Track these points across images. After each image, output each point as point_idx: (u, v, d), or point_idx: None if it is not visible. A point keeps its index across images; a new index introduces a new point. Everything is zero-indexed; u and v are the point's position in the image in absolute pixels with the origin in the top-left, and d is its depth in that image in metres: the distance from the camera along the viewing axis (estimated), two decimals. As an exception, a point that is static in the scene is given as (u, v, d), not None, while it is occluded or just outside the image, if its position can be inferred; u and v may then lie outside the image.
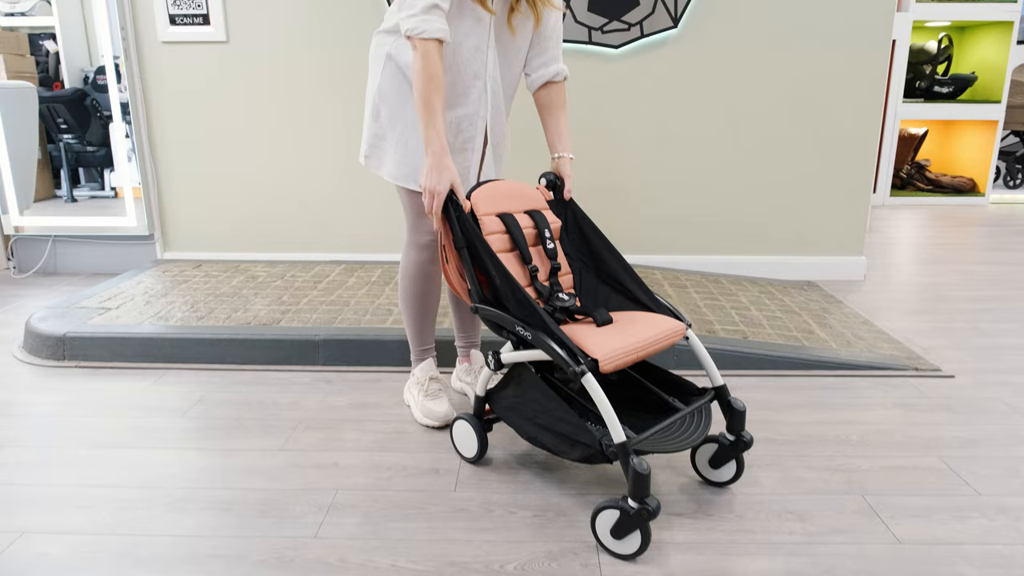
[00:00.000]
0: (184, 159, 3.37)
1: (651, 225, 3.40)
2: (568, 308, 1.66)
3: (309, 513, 1.57)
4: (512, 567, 1.40)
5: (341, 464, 1.78)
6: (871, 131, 3.27)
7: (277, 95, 3.28)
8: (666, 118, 3.27)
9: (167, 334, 2.40)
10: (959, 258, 3.92)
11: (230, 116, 3.31)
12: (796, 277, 3.44)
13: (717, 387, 1.63)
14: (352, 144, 3.32)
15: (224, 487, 1.68)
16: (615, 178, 3.35)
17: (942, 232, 4.62)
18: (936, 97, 5.63)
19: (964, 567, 1.40)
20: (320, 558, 1.42)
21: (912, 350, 2.51)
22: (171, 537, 1.49)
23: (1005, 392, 2.19)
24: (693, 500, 1.63)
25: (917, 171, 5.84)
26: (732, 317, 2.68)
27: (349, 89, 3.26)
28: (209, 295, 2.83)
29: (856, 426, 1.98)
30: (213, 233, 3.46)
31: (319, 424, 1.99)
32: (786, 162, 3.32)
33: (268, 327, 2.46)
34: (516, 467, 1.77)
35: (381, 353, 2.38)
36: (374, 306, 2.69)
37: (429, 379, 2.04)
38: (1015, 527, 1.53)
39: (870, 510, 1.59)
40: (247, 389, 2.22)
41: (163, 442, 1.89)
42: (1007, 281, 3.44)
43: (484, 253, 1.59)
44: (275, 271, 3.19)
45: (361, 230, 3.43)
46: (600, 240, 1.80)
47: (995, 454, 1.83)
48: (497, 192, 1.74)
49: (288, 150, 3.34)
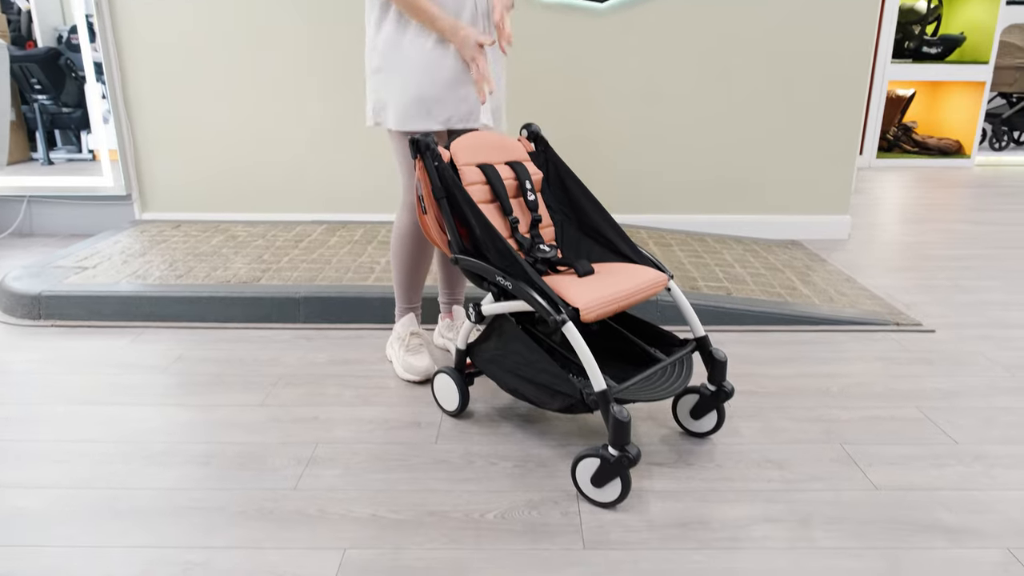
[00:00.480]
0: (161, 118, 3.29)
1: (636, 184, 3.37)
2: (549, 259, 1.65)
3: (289, 466, 1.57)
4: (492, 515, 1.40)
5: (321, 418, 1.77)
6: (859, 91, 3.24)
7: (255, 50, 3.20)
8: (652, 76, 3.22)
9: (145, 292, 2.37)
10: (943, 218, 3.92)
11: (207, 73, 3.23)
12: (781, 236, 3.43)
13: (699, 338, 1.63)
14: (333, 100, 3.25)
15: (203, 441, 1.66)
16: (600, 136, 3.30)
17: (927, 193, 4.62)
18: (924, 58, 5.59)
19: (940, 511, 1.41)
20: (299, 509, 1.42)
21: (894, 306, 2.52)
22: (150, 490, 1.48)
23: (986, 346, 2.21)
24: (674, 450, 1.64)
25: (904, 133, 5.83)
26: (716, 274, 2.68)
27: (330, 42, 3.18)
28: (188, 254, 2.79)
29: (837, 379, 1.99)
30: (192, 193, 3.40)
31: (300, 380, 1.98)
32: (773, 121, 3.29)
33: (248, 285, 2.43)
34: (497, 419, 1.77)
35: (362, 310, 2.35)
36: (356, 264, 2.66)
37: (410, 334, 2.03)
38: (990, 474, 1.54)
39: (848, 458, 1.60)
40: (227, 347, 2.20)
41: (142, 398, 1.87)
42: (989, 240, 3.46)
43: (463, 203, 1.56)
44: (256, 231, 3.14)
45: (343, 189, 3.38)
46: (582, 192, 1.77)
47: (974, 404, 1.85)
48: (478, 143, 1.71)
49: (267, 109, 3.27)
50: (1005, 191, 4.69)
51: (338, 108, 3.26)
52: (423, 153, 1.59)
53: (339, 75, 3.22)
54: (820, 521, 1.39)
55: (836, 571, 1.25)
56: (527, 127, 1.84)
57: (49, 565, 1.26)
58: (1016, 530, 1.36)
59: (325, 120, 3.28)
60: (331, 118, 3.28)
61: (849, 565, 1.26)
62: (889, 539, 1.33)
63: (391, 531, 1.35)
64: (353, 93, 3.23)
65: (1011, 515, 1.40)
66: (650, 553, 1.29)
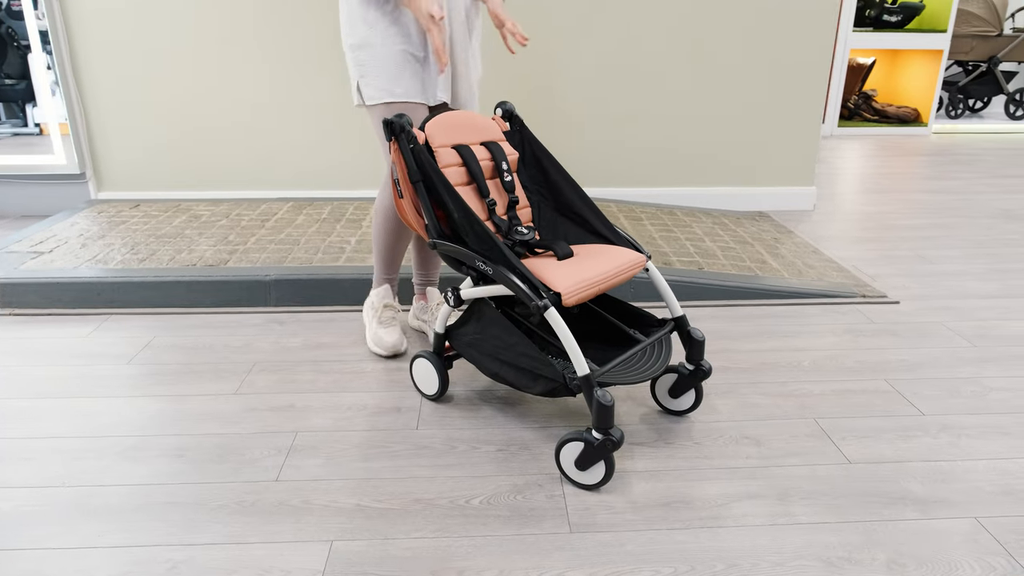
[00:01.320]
0: (114, 91, 3.15)
1: (604, 157, 3.36)
2: (527, 242, 1.63)
3: (268, 456, 1.54)
4: (478, 501, 1.41)
5: (298, 406, 1.75)
6: (822, 60, 3.26)
7: (215, 17, 3.07)
8: (619, 49, 3.19)
9: (107, 278, 2.29)
10: (903, 187, 4.01)
11: (162, 42, 3.09)
12: (749, 208, 3.47)
13: (676, 318, 1.64)
14: (298, 71, 3.15)
15: (177, 433, 1.63)
16: (568, 109, 3.27)
17: (887, 162, 4.71)
18: (885, 26, 5.65)
19: (910, 483, 1.46)
20: (282, 501, 1.40)
21: (860, 278, 2.57)
22: (124, 486, 1.45)
23: (947, 317, 2.27)
24: (653, 429, 1.66)
25: (864, 101, 5.91)
26: (687, 248, 2.70)
27: (295, 11, 3.07)
28: (150, 236, 2.70)
29: (808, 352, 2.03)
30: (150, 171, 3.28)
31: (274, 366, 1.94)
32: (739, 93, 3.29)
33: (215, 268, 2.37)
34: (478, 403, 1.77)
35: (335, 292, 2.32)
36: (325, 244, 2.61)
37: (384, 306, 2.04)
38: (956, 444, 1.60)
39: (822, 433, 1.64)
40: (195, 333, 2.14)
41: (110, 390, 1.81)
42: (948, 210, 3.54)
43: (441, 186, 1.53)
44: (219, 210, 3.05)
45: (309, 165, 3.29)
46: (558, 172, 1.76)
47: (938, 375, 1.90)
48: (452, 123, 1.67)
49: (228, 80, 3.15)
50: (961, 159, 4.80)
51: (302, 81, 3.16)
52: (397, 135, 1.55)
53: (304, 46, 3.11)
54: (798, 497, 1.42)
55: (815, 546, 1.29)
56: (501, 105, 1.81)
57: (24, 570, 1.23)
58: (983, 500, 1.41)
59: (289, 93, 3.18)
60: (295, 91, 3.18)
61: (827, 539, 1.30)
62: (863, 512, 1.38)
63: (377, 521, 1.35)
64: (318, 65, 3.14)
65: (977, 484, 1.46)
66: (635, 535, 1.31)
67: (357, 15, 1.77)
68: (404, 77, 1.78)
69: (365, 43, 1.78)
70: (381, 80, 1.78)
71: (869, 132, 5.70)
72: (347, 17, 1.80)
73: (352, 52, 1.82)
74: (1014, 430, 1.65)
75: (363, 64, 1.80)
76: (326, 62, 3.13)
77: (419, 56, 1.79)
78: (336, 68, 3.14)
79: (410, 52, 1.78)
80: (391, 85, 1.78)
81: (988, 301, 2.39)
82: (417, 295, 2.16)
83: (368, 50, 1.78)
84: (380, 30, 1.75)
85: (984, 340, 2.11)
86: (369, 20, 1.76)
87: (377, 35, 1.76)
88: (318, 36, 3.09)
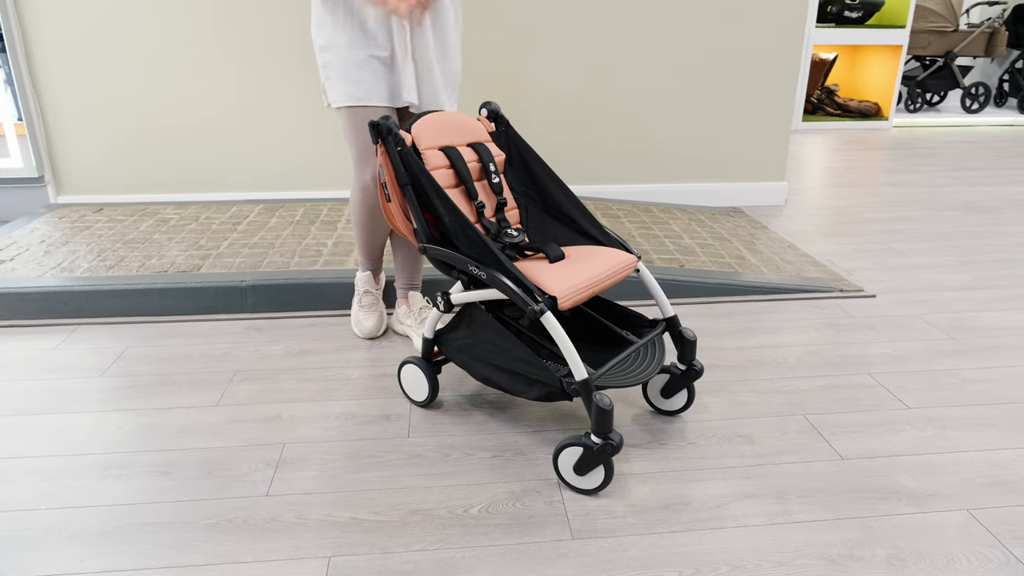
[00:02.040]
0: (73, 90, 3.04)
1: (578, 155, 3.35)
2: (518, 244, 1.61)
3: (257, 470, 1.50)
4: (476, 510, 1.38)
5: (285, 416, 1.70)
6: (793, 56, 3.30)
7: (177, 11, 2.97)
8: (590, 46, 3.18)
9: (74, 286, 2.20)
10: (868, 181, 4.08)
11: (123, 39, 2.99)
12: (722, 203, 3.50)
13: (668, 318, 1.64)
14: (266, 68, 3.07)
15: (159, 449, 1.57)
16: (540, 108, 3.26)
17: (851, 156, 4.80)
18: (846, 22, 5.75)
19: (902, 478, 1.48)
20: (275, 516, 1.36)
21: (836, 272, 2.61)
22: (106, 507, 1.39)
23: (922, 309, 2.32)
24: (647, 430, 1.65)
25: (827, 96, 6.01)
26: (667, 246, 2.71)
27: (261, 5, 2.99)
28: (116, 242, 2.60)
29: (792, 348, 2.05)
30: (113, 173, 3.17)
31: (256, 375, 1.89)
32: (711, 89, 3.31)
33: (188, 274, 2.29)
34: (468, 408, 1.74)
35: (314, 297, 2.26)
36: (301, 247, 2.55)
37: (364, 292, 2.10)
38: (943, 436, 1.63)
39: (812, 429, 1.66)
40: (170, 342, 2.07)
41: (84, 405, 1.74)
42: (913, 203, 3.62)
43: (430, 189, 1.50)
44: (187, 213, 2.97)
45: (279, 165, 3.22)
46: (546, 173, 1.74)
47: (919, 368, 1.94)
48: (438, 124, 1.64)
49: (193, 78, 3.06)
50: (921, 152, 4.92)
51: (271, 79, 3.08)
52: (384, 138, 1.51)
53: (272, 43, 3.04)
54: (795, 495, 1.43)
55: (816, 544, 1.29)
56: (486, 106, 1.78)
57: (5, 599, 1.17)
58: (973, 492, 1.44)
59: (257, 91, 3.10)
60: (263, 89, 3.10)
61: (827, 537, 1.31)
62: (860, 508, 1.39)
63: (375, 534, 1.32)
64: (287, 62, 3.06)
65: (967, 477, 1.48)
66: (638, 539, 1.31)
67: (324, 17, 1.78)
68: (366, 80, 1.79)
69: (330, 44, 1.79)
70: (343, 82, 1.80)
71: (832, 126, 5.81)
72: (315, 18, 1.81)
73: (319, 53, 1.83)
74: (997, 421, 1.69)
75: (328, 65, 1.81)
76: (295, 59, 3.06)
77: (383, 57, 1.80)
78: (305, 65, 3.07)
79: (374, 55, 1.79)
80: (352, 88, 1.79)
81: (960, 293, 2.45)
82: (400, 299, 2.12)
83: (332, 52, 1.79)
84: (344, 32, 1.76)
85: (960, 332, 2.15)
86: (333, 22, 1.77)
87: (342, 37, 1.77)
88: (288, 33, 3.02)
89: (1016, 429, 1.66)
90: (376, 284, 2.14)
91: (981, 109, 6.15)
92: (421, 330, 2.03)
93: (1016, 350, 2.04)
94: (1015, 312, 2.29)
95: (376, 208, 1.93)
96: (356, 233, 2.04)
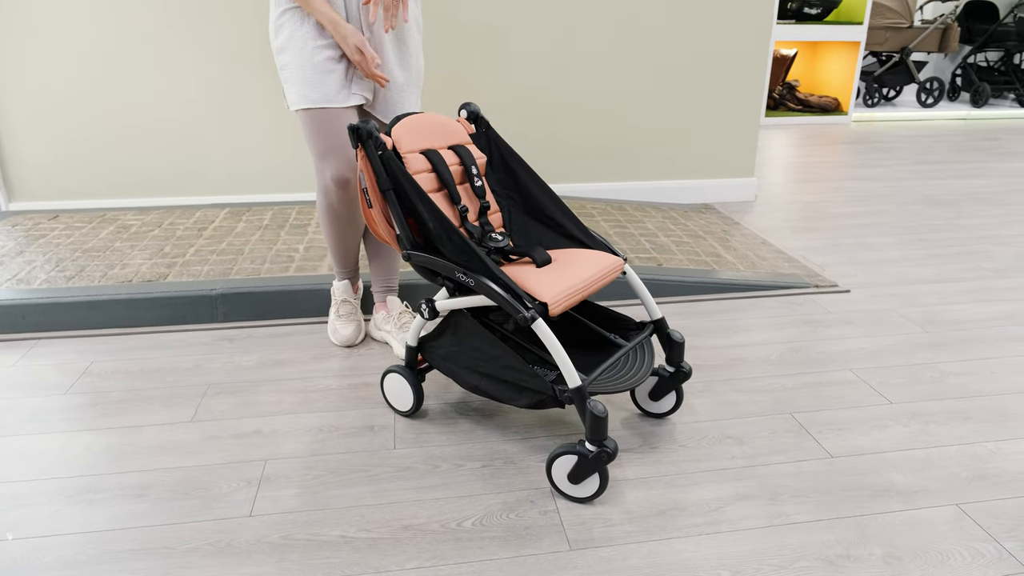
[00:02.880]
0: (22, 89, 2.90)
1: (550, 153, 3.33)
2: (503, 249, 1.58)
3: (238, 489, 1.44)
4: (470, 523, 1.35)
5: (264, 431, 1.64)
6: (761, 53, 3.33)
7: (134, 10, 2.85)
8: (561, 43, 3.16)
9: (32, 299, 2.10)
10: (833, 176, 4.15)
11: (77, 33, 2.86)
12: (693, 200, 3.51)
13: (655, 320, 1.62)
14: (229, 67, 2.97)
15: (133, 470, 1.50)
16: (510, 106, 3.22)
17: (814, 151, 4.87)
18: (805, 18, 5.84)
19: (892, 474, 1.49)
20: (261, 538, 1.31)
21: (810, 268, 2.64)
22: (80, 535, 1.32)
23: (896, 303, 2.35)
24: (636, 434, 1.64)
25: (788, 91, 6.10)
26: (643, 245, 2.70)
27: (221, 2, 2.89)
28: (75, 250, 2.50)
29: (774, 346, 2.06)
30: (68, 177, 3.04)
31: (231, 388, 1.82)
32: (680, 86, 3.32)
33: (154, 284, 2.20)
34: (454, 416, 1.70)
35: (288, 305, 2.20)
36: (272, 253, 2.48)
37: (342, 301, 2.06)
38: (927, 431, 1.65)
39: (800, 428, 1.66)
40: (139, 355, 1.99)
41: (49, 425, 1.66)
42: (877, 197, 3.69)
43: (414, 194, 1.46)
44: (149, 219, 2.86)
45: (244, 167, 3.12)
46: (528, 175, 1.71)
47: (898, 363, 1.96)
48: (419, 126, 1.60)
49: (152, 76, 2.95)
50: (881, 146, 5.02)
51: (233, 74, 2.99)
52: (364, 142, 1.46)
53: (234, 41, 2.94)
54: (788, 495, 1.43)
55: (813, 545, 1.29)
56: (465, 107, 1.74)
57: (-26, 640, 1.10)
58: (960, 486, 1.45)
59: (219, 88, 3.00)
60: (225, 86, 3.00)
61: (823, 538, 1.31)
62: (852, 507, 1.39)
63: (367, 553, 1.27)
64: (248, 57, 2.97)
65: (952, 471, 1.50)
66: (636, 547, 1.29)
67: (280, 19, 1.75)
68: (322, 82, 1.76)
69: (287, 47, 1.76)
70: (299, 85, 1.77)
71: (794, 122, 5.90)
72: (272, 20, 1.78)
73: (277, 55, 1.80)
74: (975, 414, 1.72)
75: (286, 67, 1.79)
76: (257, 55, 2.97)
77: (337, 56, 1.76)
78: (268, 61, 2.99)
79: (331, 57, 1.75)
80: (309, 91, 1.76)
81: (930, 286, 2.49)
82: (377, 305, 2.07)
83: (290, 53, 1.76)
84: (301, 35, 1.74)
85: (934, 325, 2.19)
86: (290, 24, 1.74)
87: (297, 40, 1.74)
88: (250, 27, 2.93)
89: (993, 422, 1.68)
90: (354, 293, 2.09)
91: (936, 103, 6.31)
92: (401, 336, 1.99)
93: (986, 343, 2.08)
94: (983, 304, 2.34)
95: (343, 211, 1.89)
96: (327, 238, 2.00)
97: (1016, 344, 2.06)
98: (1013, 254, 2.81)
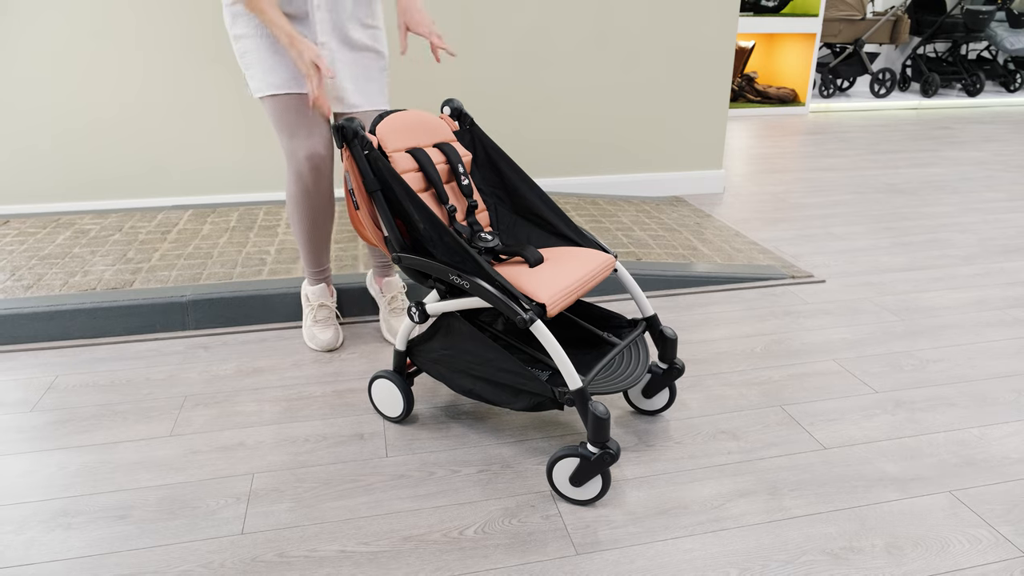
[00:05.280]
0: (-35, 92, 2.74)
1: (519, 148, 3.30)
2: (494, 249, 1.55)
3: (227, 506, 1.38)
4: (472, 531, 1.32)
5: (249, 443, 1.58)
6: (727, 47, 3.35)
7: (86, 4, 2.72)
8: (525, 38, 3.13)
9: (-12, 311, 1.98)
10: (796, 166, 4.21)
11: (24, 25, 2.71)
12: (663, 193, 3.52)
13: (648, 317, 1.61)
14: (185, 56, 2.86)
15: (112, 490, 1.42)
16: (479, 101, 3.18)
17: (776, 142, 4.94)
18: (763, 11, 5.91)
19: (884, 463, 1.51)
20: (255, 557, 1.25)
21: (784, 258, 2.67)
22: (59, 562, 1.24)
23: (871, 293, 2.39)
24: (632, 432, 1.62)
25: (747, 83, 6.18)
26: (620, 239, 2.69)
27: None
28: (31, 258, 2.37)
29: (757, 338, 2.07)
30: (18, 180, 2.89)
31: (209, 399, 1.75)
32: (648, 79, 3.32)
33: (120, 291, 2.11)
34: (445, 421, 1.67)
35: (263, 309, 2.13)
36: (242, 256, 2.39)
37: (319, 305, 2.00)
38: (914, 419, 1.67)
39: (791, 420, 1.67)
40: (107, 367, 1.90)
41: (15, 445, 1.56)
42: (841, 186, 3.76)
43: (403, 194, 1.41)
44: (109, 222, 2.74)
45: (208, 166, 3.01)
46: (515, 172, 1.67)
47: (878, 351, 1.99)
48: (404, 124, 1.55)
49: (106, 68, 2.82)
50: (839, 136, 5.12)
51: (192, 67, 2.88)
52: (349, 141, 1.41)
53: (193, 32, 2.83)
54: (787, 489, 1.43)
55: (816, 539, 1.30)
56: (449, 103, 1.70)
57: None
58: (951, 473, 1.48)
59: (178, 83, 2.88)
60: (184, 80, 2.89)
61: (825, 531, 1.32)
62: (850, 498, 1.41)
63: (368, 567, 1.23)
64: (207, 49, 2.86)
65: (942, 458, 1.53)
66: (643, 548, 1.27)
67: (236, 8, 1.70)
68: (285, 66, 1.72)
69: (245, 33, 1.72)
70: (261, 71, 1.73)
71: (753, 113, 5.98)
72: (225, 6, 1.73)
73: (235, 43, 1.75)
74: (957, 400, 1.75)
75: (246, 54, 1.74)
76: (216, 47, 2.86)
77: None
78: (228, 53, 2.88)
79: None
80: (271, 76, 1.72)
81: (901, 275, 2.55)
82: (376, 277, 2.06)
83: (248, 40, 1.72)
84: (257, 20, 1.69)
85: (908, 313, 2.23)
86: (247, 12, 1.69)
87: (254, 25, 1.70)
88: (210, 18, 2.82)
89: (975, 407, 1.72)
90: (330, 295, 2.02)
91: (888, 93, 6.47)
92: (393, 320, 1.98)
93: (959, 328, 2.13)
94: (953, 291, 2.40)
95: (316, 197, 1.83)
96: (299, 234, 1.92)
97: (989, 329, 2.12)
98: (976, 241, 2.89)
